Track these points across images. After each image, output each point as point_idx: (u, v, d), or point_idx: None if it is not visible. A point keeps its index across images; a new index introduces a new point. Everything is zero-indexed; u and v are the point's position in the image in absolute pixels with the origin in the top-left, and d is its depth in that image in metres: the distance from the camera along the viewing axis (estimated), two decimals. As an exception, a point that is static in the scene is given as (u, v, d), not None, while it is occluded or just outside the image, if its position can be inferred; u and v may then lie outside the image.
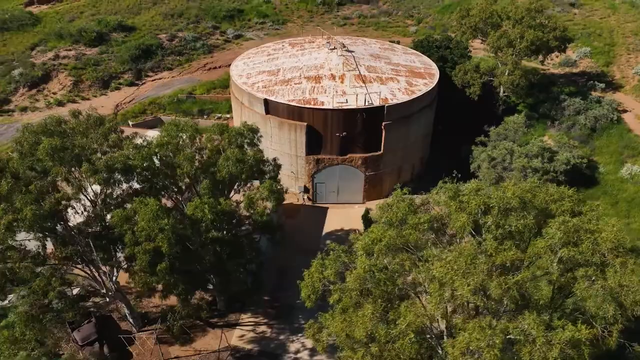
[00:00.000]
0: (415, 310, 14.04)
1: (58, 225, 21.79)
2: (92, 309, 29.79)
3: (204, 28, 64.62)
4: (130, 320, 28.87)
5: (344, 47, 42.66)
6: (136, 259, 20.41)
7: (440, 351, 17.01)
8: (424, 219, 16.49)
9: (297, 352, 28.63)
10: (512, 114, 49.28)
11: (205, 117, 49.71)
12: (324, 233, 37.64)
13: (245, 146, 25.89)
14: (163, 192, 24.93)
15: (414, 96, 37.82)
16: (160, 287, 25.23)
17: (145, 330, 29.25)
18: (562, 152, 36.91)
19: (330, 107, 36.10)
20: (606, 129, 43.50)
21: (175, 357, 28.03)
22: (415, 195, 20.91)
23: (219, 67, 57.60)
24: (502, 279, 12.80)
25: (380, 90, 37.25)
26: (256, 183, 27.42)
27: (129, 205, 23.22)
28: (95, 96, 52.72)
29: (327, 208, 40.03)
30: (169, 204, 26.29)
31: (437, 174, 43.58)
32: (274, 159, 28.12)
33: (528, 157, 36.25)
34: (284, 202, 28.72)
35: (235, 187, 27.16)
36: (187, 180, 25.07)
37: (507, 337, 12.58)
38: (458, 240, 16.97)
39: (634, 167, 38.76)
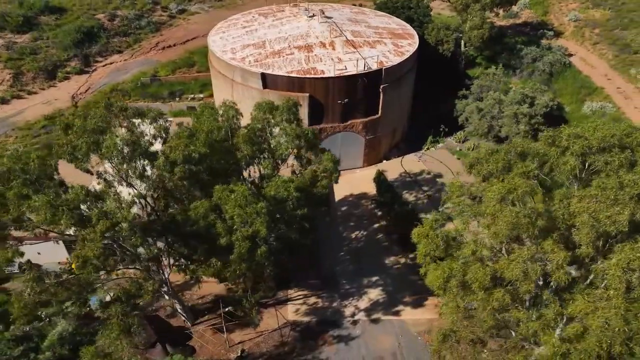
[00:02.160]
0: (559, 247, 15.68)
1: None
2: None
3: (143, 4, 59.92)
4: (183, 315, 27.88)
5: (323, 13, 42.36)
6: (233, 247, 19.77)
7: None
8: (532, 167, 18.00)
9: (354, 315, 29.63)
10: (473, 67, 52.75)
11: (177, 99, 47.09)
12: (336, 200, 38.31)
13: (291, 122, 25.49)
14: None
15: (405, 57, 38.98)
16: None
17: (201, 323, 28.51)
18: (540, 97, 40.53)
19: (331, 75, 36.13)
20: (561, 72, 48.21)
21: (239, 342, 27.77)
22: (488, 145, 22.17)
23: (173, 45, 54.21)
24: (648, 204, 14.83)
25: (376, 55, 37.88)
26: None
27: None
28: (43, 89, 47.46)
29: (331, 176, 40.46)
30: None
31: (420, 132, 45.99)
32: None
33: (513, 104, 39.40)
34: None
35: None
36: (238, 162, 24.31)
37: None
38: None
39: (593, 104, 43.69)
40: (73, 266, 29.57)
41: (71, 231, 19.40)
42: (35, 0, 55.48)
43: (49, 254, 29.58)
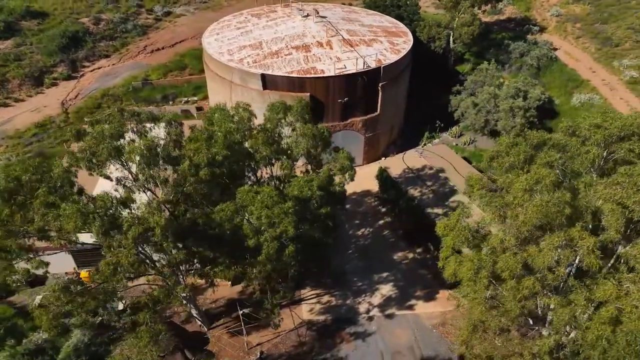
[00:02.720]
0: (586, 233, 16.22)
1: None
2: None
3: (128, 7, 58.86)
4: (199, 319, 27.61)
5: (317, 13, 42.47)
6: (260, 248, 19.71)
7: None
8: (555, 157, 18.52)
9: (368, 311, 29.84)
10: (462, 63, 53.69)
11: (170, 102, 46.48)
12: (339, 199, 38.43)
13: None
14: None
15: (401, 54, 39.40)
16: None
17: (216, 327, 28.27)
18: (532, 91, 41.56)
19: (331, 74, 36.26)
20: (548, 66, 49.53)
21: (257, 345, 27.66)
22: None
23: (162, 48, 53.52)
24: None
25: (374, 53, 38.17)
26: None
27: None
28: (31, 96, 46.19)
29: (332, 175, 40.62)
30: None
31: (415, 128, 46.54)
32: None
33: (508, 98, 40.27)
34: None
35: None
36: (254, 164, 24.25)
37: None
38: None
39: (581, 96, 45.05)
40: (81, 276, 29.09)
41: (93, 239, 19.00)
42: (16, 5, 53.89)
43: (57, 265, 28.75)
